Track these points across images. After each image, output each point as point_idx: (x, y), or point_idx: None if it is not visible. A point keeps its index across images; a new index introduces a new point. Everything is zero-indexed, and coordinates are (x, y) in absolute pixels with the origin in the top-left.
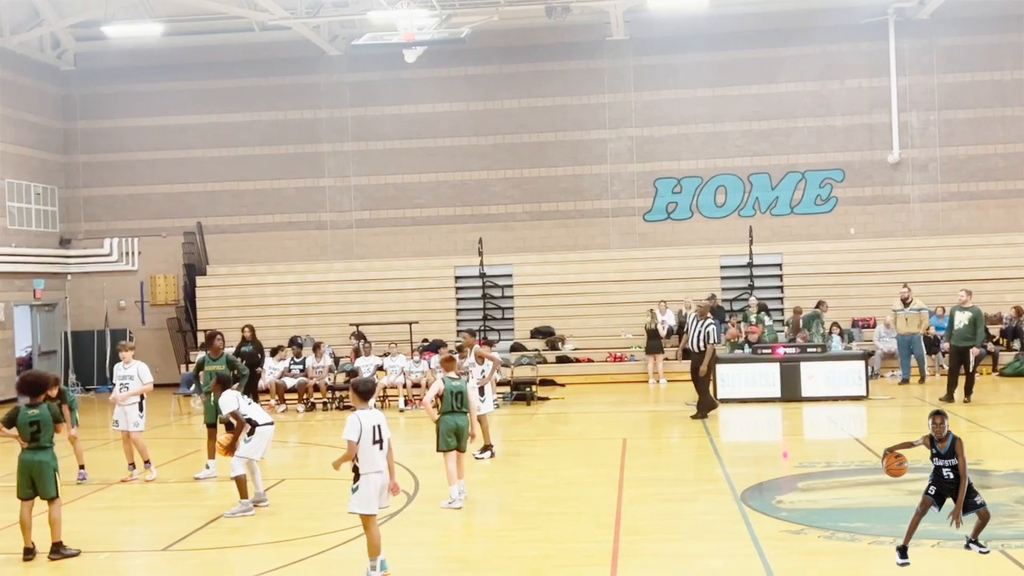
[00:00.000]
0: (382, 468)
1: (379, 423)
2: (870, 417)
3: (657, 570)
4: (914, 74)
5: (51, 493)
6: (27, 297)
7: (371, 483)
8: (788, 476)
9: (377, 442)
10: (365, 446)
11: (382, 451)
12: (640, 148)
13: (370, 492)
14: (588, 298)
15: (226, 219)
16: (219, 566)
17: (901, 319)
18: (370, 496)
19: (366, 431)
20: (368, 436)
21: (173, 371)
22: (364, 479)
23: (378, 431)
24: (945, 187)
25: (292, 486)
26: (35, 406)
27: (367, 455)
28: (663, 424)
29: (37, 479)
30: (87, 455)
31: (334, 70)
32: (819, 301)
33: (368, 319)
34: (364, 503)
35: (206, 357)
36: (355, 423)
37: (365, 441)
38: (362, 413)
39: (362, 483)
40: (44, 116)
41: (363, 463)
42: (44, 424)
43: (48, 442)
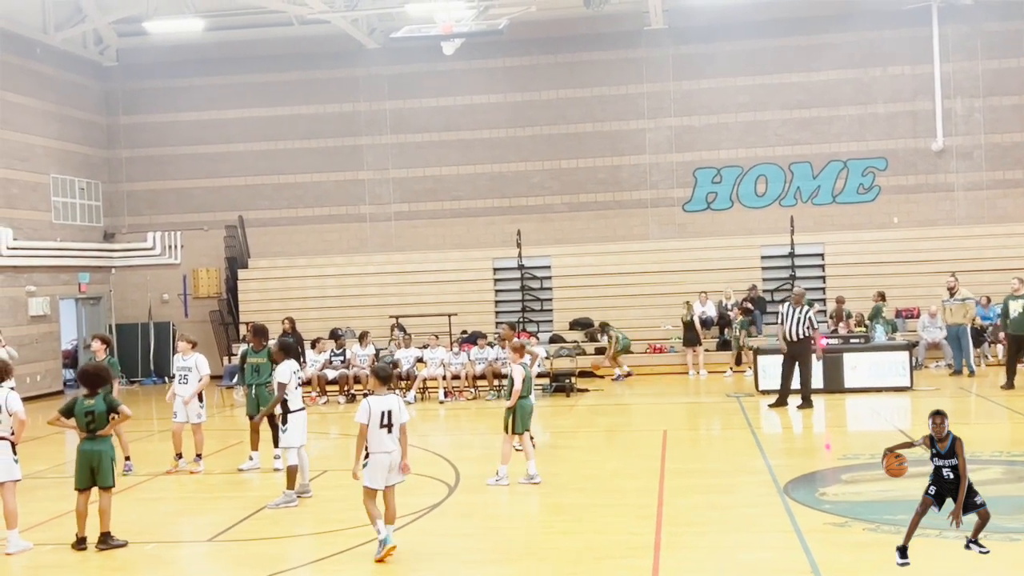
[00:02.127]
0: (391, 449)
1: (390, 408)
2: (914, 408)
3: (699, 562)
4: (958, 60)
5: (108, 482)
6: (72, 291)
7: (379, 462)
8: (832, 468)
9: (385, 425)
10: (373, 428)
11: (391, 434)
12: (679, 138)
13: (377, 469)
14: (627, 289)
15: (267, 212)
16: (263, 557)
17: (947, 309)
18: (376, 473)
19: (375, 415)
20: (376, 420)
21: (216, 363)
22: (373, 458)
23: (387, 416)
24: (990, 175)
25: (334, 477)
26: (91, 397)
27: (375, 437)
28: (704, 416)
29: (96, 469)
30: (132, 446)
31: (372, 63)
32: (878, 292)
33: (407, 311)
34: (371, 478)
35: (249, 349)
36: (365, 407)
37: (374, 424)
38: (373, 398)
39: (371, 461)
40: (87, 112)
41: (372, 444)
42: (98, 415)
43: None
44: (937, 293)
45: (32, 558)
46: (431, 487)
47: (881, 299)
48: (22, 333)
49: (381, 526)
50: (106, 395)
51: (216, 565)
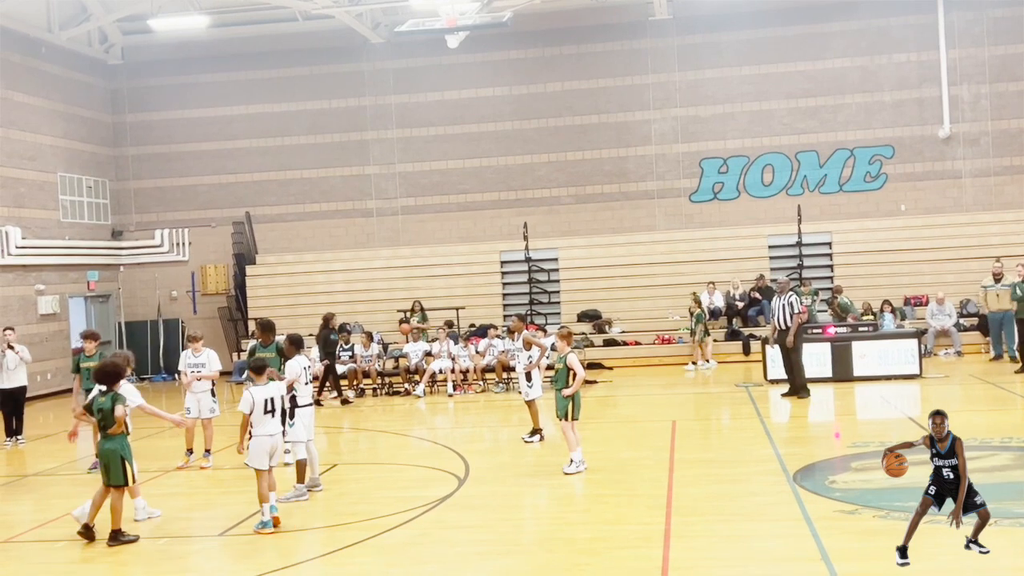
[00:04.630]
0: (272, 432)
1: (272, 395)
2: (924, 396)
3: (710, 551)
4: (964, 46)
5: (117, 481)
6: (81, 289)
7: (261, 444)
8: (841, 456)
9: (269, 411)
10: (258, 415)
11: (274, 419)
12: (685, 128)
13: (260, 451)
14: (634, 280)
15: (274, 208)
16: (274, 551)
17: (992, 295)
18: (260, 454)
19: (258, 403)
20: (260, 407)
21: (225, 359)
22: (254, 440)
23: (271, 402)
24: (997, 161)
25: (344, 471)
26: (105, 394)
27: (259, 420)
28: (713, 406)
29: (108, 467)
30: (142, 443)
31: (377, 57)
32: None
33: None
34: (255, 459)
35: (257, 345)
36: (248, 398)
37: (258, 411)
38: (255, 388)
39: (253, 443)
40: (93, 110)
41: (256, 427)
42: (107, 414)
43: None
44: (944, 280)
45: (45, 553)
46: (441, 479)
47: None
48: (32, 332)
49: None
50: (115, 393)
51: (227, 559)
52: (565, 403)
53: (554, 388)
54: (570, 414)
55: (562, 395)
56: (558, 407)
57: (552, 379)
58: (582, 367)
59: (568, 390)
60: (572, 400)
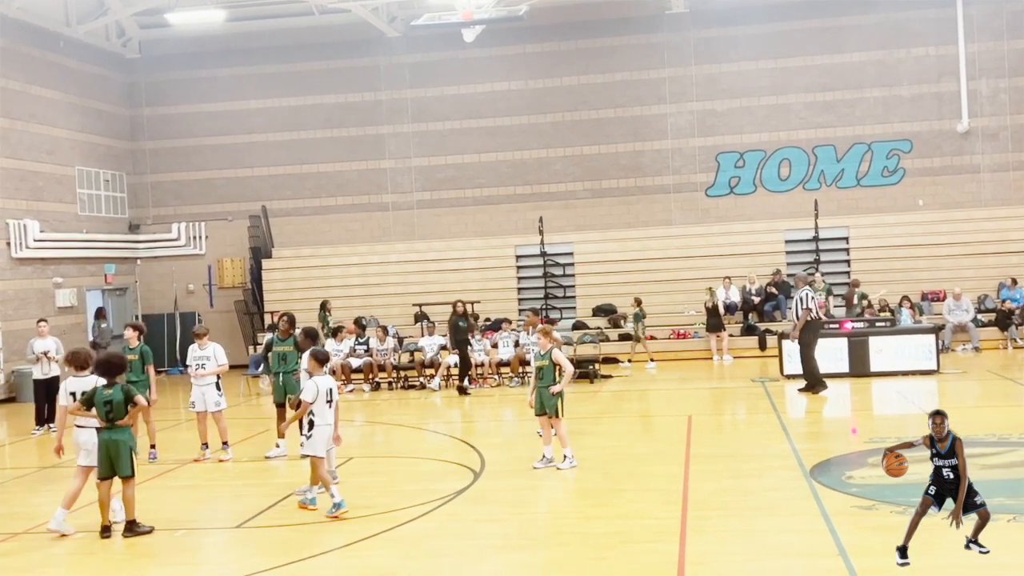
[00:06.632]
0: (331, 421)
1: (332, 386)
2: (941, 391)
3: (726, 546)
4: (983, 40)
5: (127, 472)
6: (99, 282)
7: (324, 433)
8: (858, 451)
9: (328, 401)
10: (320, 404)
11: (331, 408)
12: (701, 122)
13: (323, 439)
14: (650, 275)
15: (290, 202)
16: (291, 543)
17: None
18: (323, 442)
19: (322, 392)
20: (323, 396)
21: (241, 352)
22: (317, 429)
23: (330, 393)
24: (1016, 156)
25: (360, 464)
26: (110, 387)
27: (320, 410)
28: (728, 401)
29: (115, 458)
30: (159, 435)
31: (393, 52)
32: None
33: (430, 299)
34: (317, 447)
35: (274, 338)
36: (312, 386)
37: (320, 400)
38: (319, 378)
39: (315, 432)
40: (111, 104)
41: (317, 416)
42: (116, 405)
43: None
44: (962, 276)
45: (60, 545)
46: (457, 473)
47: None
48: (50, 324)
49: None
50: (124, 385)
51: (244, 551)
52: (555, 401)
53: (539, 386)
54: (560, 411)
55: (550, 392)
56: (547, 405)
57: (538, 375)
58: (570, 363)
59: (557, 387)
60: (562, 397)
